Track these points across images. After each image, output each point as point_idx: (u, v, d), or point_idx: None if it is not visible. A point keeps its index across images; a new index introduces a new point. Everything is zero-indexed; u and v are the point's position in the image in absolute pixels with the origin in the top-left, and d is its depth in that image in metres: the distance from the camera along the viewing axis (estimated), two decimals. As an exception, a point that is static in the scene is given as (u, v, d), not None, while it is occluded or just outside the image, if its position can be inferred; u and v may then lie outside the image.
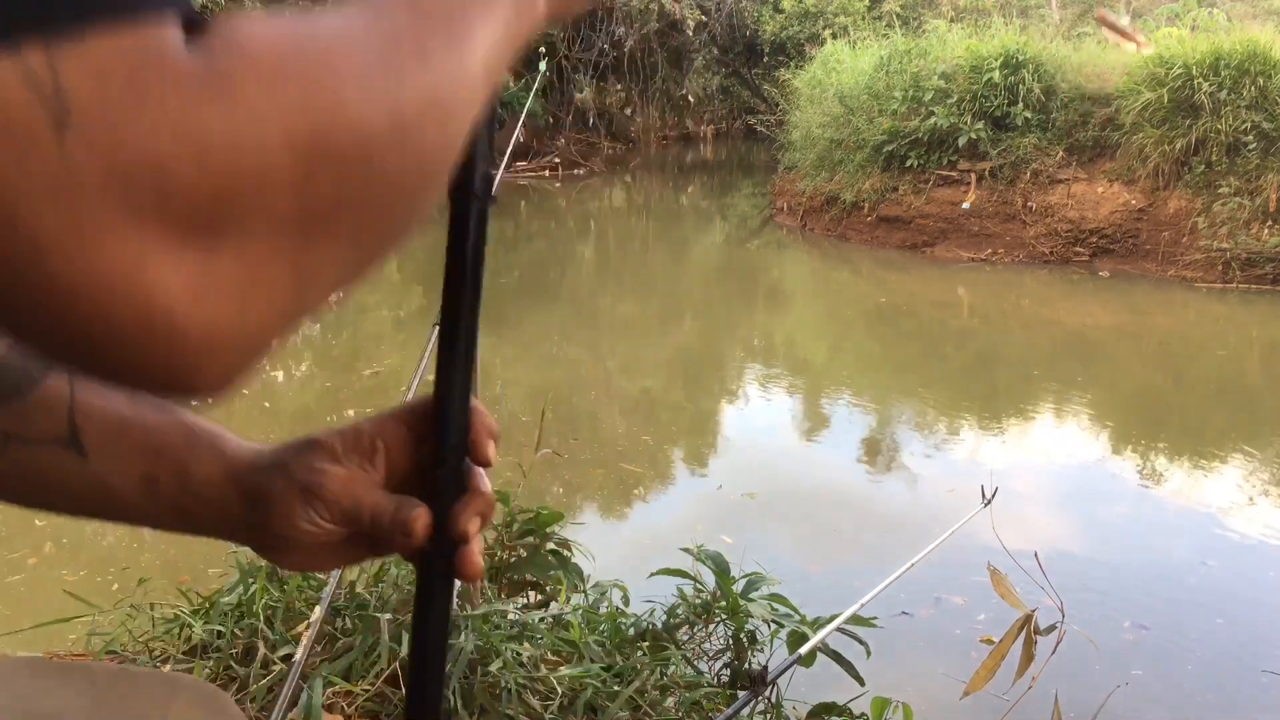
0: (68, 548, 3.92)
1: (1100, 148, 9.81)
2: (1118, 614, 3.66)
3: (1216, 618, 3.68)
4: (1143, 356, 7.65)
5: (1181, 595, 3.84)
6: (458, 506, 0.52)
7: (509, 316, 7.99)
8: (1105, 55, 10.32)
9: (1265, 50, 8.96)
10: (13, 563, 3.71)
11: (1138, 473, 5.37)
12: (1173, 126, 9.03)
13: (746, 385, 7.03)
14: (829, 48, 12.63)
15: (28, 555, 3.76)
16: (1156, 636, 3.54)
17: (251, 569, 2.35)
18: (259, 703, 2.02)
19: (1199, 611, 3.71)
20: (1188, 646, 3.46)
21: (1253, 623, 3.70)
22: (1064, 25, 17.15)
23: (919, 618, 3.54)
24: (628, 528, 4.51)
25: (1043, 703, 2.46)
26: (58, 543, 3.93)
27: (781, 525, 4.48)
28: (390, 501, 0.53)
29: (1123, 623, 3.61)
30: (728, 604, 2.48)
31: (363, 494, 0.53)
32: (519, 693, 2.06)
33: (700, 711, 2.23)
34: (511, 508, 2.61)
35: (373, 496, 0.53)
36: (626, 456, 5.18)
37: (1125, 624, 3.61)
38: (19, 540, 3.90)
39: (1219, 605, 3.76)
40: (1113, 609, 3.68)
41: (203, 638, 2.22)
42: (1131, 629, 3.57)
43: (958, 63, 10.31)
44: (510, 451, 4.07)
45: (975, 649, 3.28)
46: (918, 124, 10.17)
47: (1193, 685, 3.28)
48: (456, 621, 2.16)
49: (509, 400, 5.79)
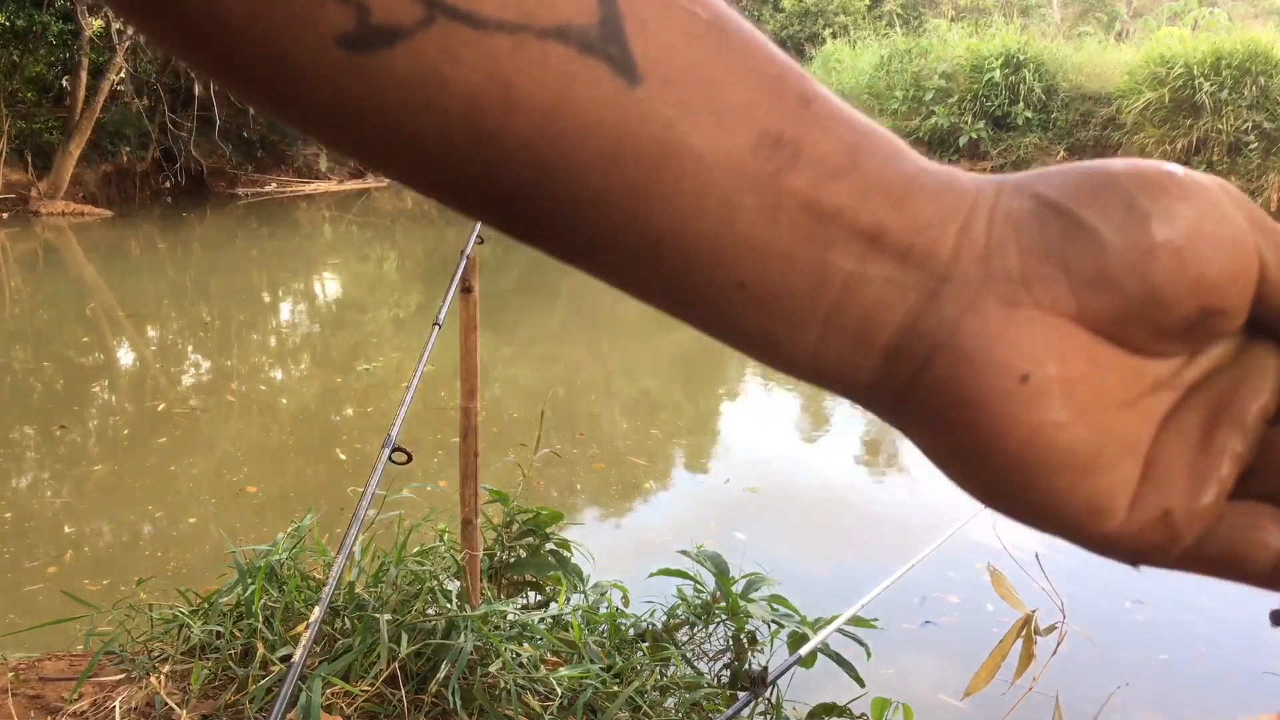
0: (89, 556, 3.90)
1: (1101, 147, 9.82)
2: (1118, 614, 3.66)
3: (1217, 617, 3.68)
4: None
5: (1181, 595, 3.84)
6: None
7: (509, 316, 7.99)
8: (1106, 55, 10.32)
9: (1267, 50, 8.96)
10: (33, 571, 3.69)
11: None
12: (1174, 126, 9.03)
13: (747, 385, 7.03)
14: (829, 47, 12.63)
15: (47, 564, 3.75)
16: (1157, 636, 3.54)
17: (250, 569, 2.34)
18: (258, 703, 2.02)
19: (1199, 611, 3.70)
20: (1188, 646, 3.46)
21: (1253, 623, 3.69)
22: (1065, 25, 17.15)
23: (918, 617, 3.54)
24: (631, 525, 4.51)
25: (1043, 703, 2.46)
26: (79, 550, 3.92)
27: (782, 524, 4.48)
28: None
29: (1123, 623, 3.61)
30: (728, 605, 2.48)
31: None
32: (519, 693, 2.06)
33: (700, 712, 2.23)
34: (511, 507, 2.61)
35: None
36: (629, 453, 5.18)
37: (1125, 624, 3.60)
38: (39, 550, 3.88)
39: (1219, 605, 3.76)
40: (1113, 609, 3.68)
41: (201, 638, 2.21)
42: (1132, 629, 3.57)
43: (958, 62, 10.32)
44: (510, 451, 4.07)
45: (976, 649, 3.28)
46: (918, 123, 10.18)
47: (1193, 685, 3.28)
48: (456, 621, 2.15)
49: (509, 400, 5.79)
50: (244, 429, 5.45)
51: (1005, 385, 0.26)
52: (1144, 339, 0.27)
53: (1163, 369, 0.28)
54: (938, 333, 0.27)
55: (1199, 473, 0.27)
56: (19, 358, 6.94)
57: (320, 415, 5.76)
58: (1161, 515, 0.27)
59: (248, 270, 10.47)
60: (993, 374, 0.26)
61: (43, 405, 5.94)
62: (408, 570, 2.40)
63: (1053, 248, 0.27)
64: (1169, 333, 0.27)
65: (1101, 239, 0.26)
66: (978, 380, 0.26)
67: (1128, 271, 0.26)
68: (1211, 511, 0.27)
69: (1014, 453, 0.26)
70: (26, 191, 12.62)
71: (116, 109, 13.94)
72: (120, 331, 7.81)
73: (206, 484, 4.58)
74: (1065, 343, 0.27)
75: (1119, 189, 0.27)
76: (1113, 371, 0.27)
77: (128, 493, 4.50)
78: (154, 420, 5.50)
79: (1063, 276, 0.27)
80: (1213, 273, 0.26)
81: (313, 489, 4.50)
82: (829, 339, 0.27)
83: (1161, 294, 0.26)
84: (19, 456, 5.16)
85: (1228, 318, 0.27)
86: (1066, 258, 0.26)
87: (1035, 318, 0.26)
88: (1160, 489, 0.27)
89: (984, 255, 0.27)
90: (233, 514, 4.25)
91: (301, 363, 7.20)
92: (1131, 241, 0.26)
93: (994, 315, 0.26)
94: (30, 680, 2.24)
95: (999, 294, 0.27)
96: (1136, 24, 18.27)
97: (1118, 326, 0.27)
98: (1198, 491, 0.27)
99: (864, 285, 0.27)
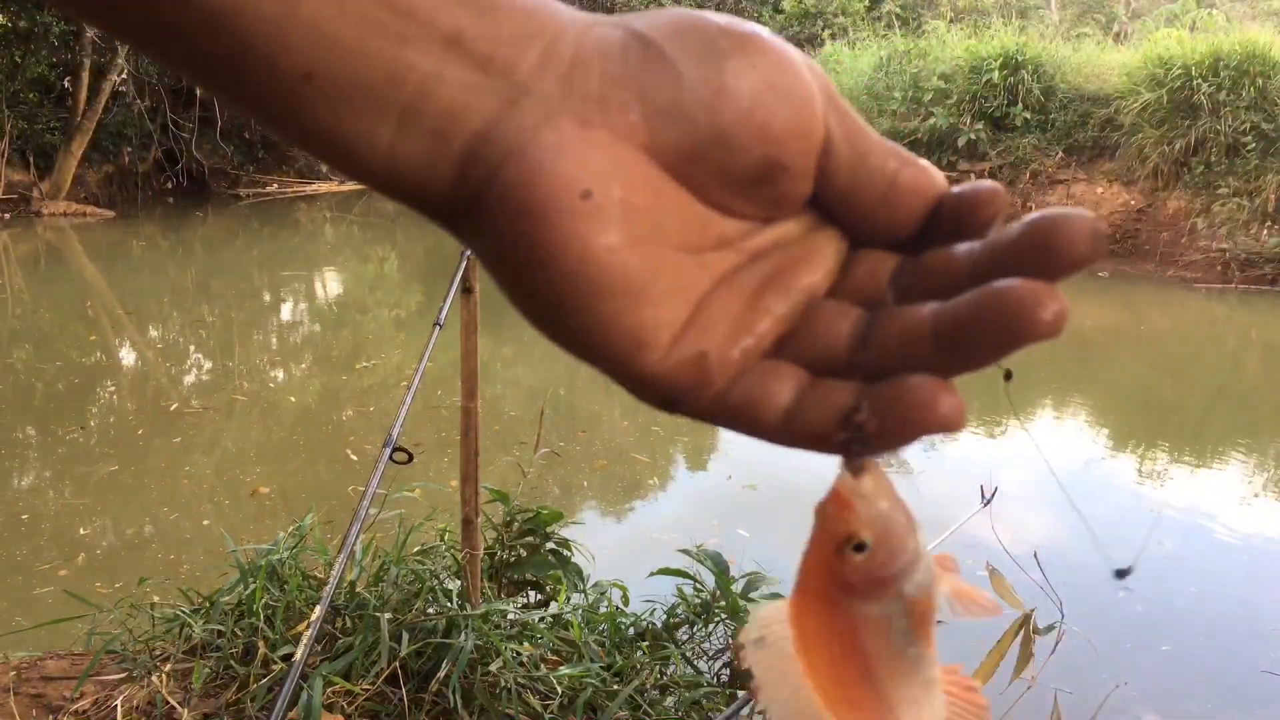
0: (101, 558, 3.90)
1: (1100, 148, 9.82)
2: (1117, 614, 3.67)
3: (1216, 617, 3.68)
4: (1142, 357, 7.66)
5: (1182, 595, 3.85)
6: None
7: (510, 317, 7.98)
8: (1104, 56, 10.33)
9: (1264, 51, 8.96)
10: (44, 574, 3.69)
11: (1136, 472, 5.37)
12: (1172, 127, 9.03)
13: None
14: (828, 49, 12.64)
15: (59, 567, 3.74)
16: (1156, 635, 3.54)
17: (251, 568, 2.35)
18: (259, 702, 2.03)
19: (1199, 611, 3.71)
20: (1188, 646, 3.47)
21: (1253, 622, 3.70)
22: (1063, 26, 17.16)
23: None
24: (633, 523, 4.52)
25: (1042, 703, 2.46)
26: (91, 553, 3.92)
27: (782, 521, 4.48)
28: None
29: (1122, 622, 3.61)
30: (728, 604, 2.49)
31: None
32: (519, 692, 2.06)
33: (700, 711, 2.24)
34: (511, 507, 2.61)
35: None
36: (631, 449, 5.18)
37: (1125, 623, 3.61)
38: (51, 552, 3.88)
39: (1219, 605, 3.76)
40: (1112, 609, 3.68)
41: (203, 637, 2.22)
42: (1131, 628, 3.58)
43: (957, 63, 10.32)
44: (512, 450, 4.08)
45: (975, 648, 3.28)
46: (917, 124, 10.18)
47: (1192, 685, 3.29)
48: (456, 621, 2.16)
49: (509, 400, 5.79)
50: (253, 429, 5.45)
51: (566, 199, 0.27)
52: (713, 187, 0.28)
53: (731, 228, 0.29)
54: (511, 141, 0.27)
55: (740, 326, 0.29)
56: (20, 358, 6.94)
57: (327, 414, 5.77)
58: (696, 357, 0.28)
59: (249, 270, 10.48)
60: (556, 186, 0.27)
61: (45, 405, 5.94)
62: (408, 569, 2.40)
63: (633, 75, 0.27)
64: (736, 182, 0.28)
65: (679, 73, 0.27)
66: (541, 191, 0.27)
67: (699, 106, 0.27)
68: (741, 361, 0.29)
69: (567, 269, 0.27)
70: (29, 192, 12.63)
71: (118, 110, 13.94)
72: (123, 331, 7.82)
73: (219, 485, 4.59)
74: (634, 170, 0.27)
75: (704, 32, 0.28)
76: (678, 213, 0.28)
77: (140, 494, 4.50)
78: (164, 421, 5.51)
79: (639, 104, 0.27)
80: (777, 123, 0.27)
81: (326, 489, 4.50)
82: (405, 140, 0.27)
83: (728, 134, 0.27)
84: (23, 457, 5.16)
85: (790, 177, 0.28)
86: (644, 85, 0.27)
87: (607, 140, 0.27)
88: (702, 334, 0.28)
89: (567, 75, 0.27)
90: (245, 515, 4.26)
91: (304, 362, 7.20)
92: (705, 79, 0.27)
93: (568, 131, 0.27)
94: (32, 679, 2.24)
95: (575, 112, 0.27)
96: (1135, 25, 18.28)
97: (686, 164, 0.28)
98: (733, 342, 0.29)
99: (441, 86, 0.27)
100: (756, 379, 0.29)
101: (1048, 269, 0.26)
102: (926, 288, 0.28)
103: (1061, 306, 0.25)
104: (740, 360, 0.29)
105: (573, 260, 0.27)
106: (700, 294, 0.29)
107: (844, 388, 0.28)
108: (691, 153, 0.28)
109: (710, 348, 0.28)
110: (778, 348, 0.29)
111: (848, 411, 0.27)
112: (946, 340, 0.27)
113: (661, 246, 0.28)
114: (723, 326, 0.29)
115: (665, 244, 0.28)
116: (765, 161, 0.28)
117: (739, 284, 0.29)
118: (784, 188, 0.29)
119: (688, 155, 0.28)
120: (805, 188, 0.29)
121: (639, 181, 0.27)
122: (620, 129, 0.27)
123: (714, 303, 0.29)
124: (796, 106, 0.28)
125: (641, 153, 0.27)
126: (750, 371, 0.29)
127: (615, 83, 0.27)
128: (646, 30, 0.28)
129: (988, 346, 0.26)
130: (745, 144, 0.27)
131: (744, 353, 0.29)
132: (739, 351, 0.29)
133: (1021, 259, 0.26)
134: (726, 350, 0.28)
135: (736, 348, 0.29)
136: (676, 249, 0.28)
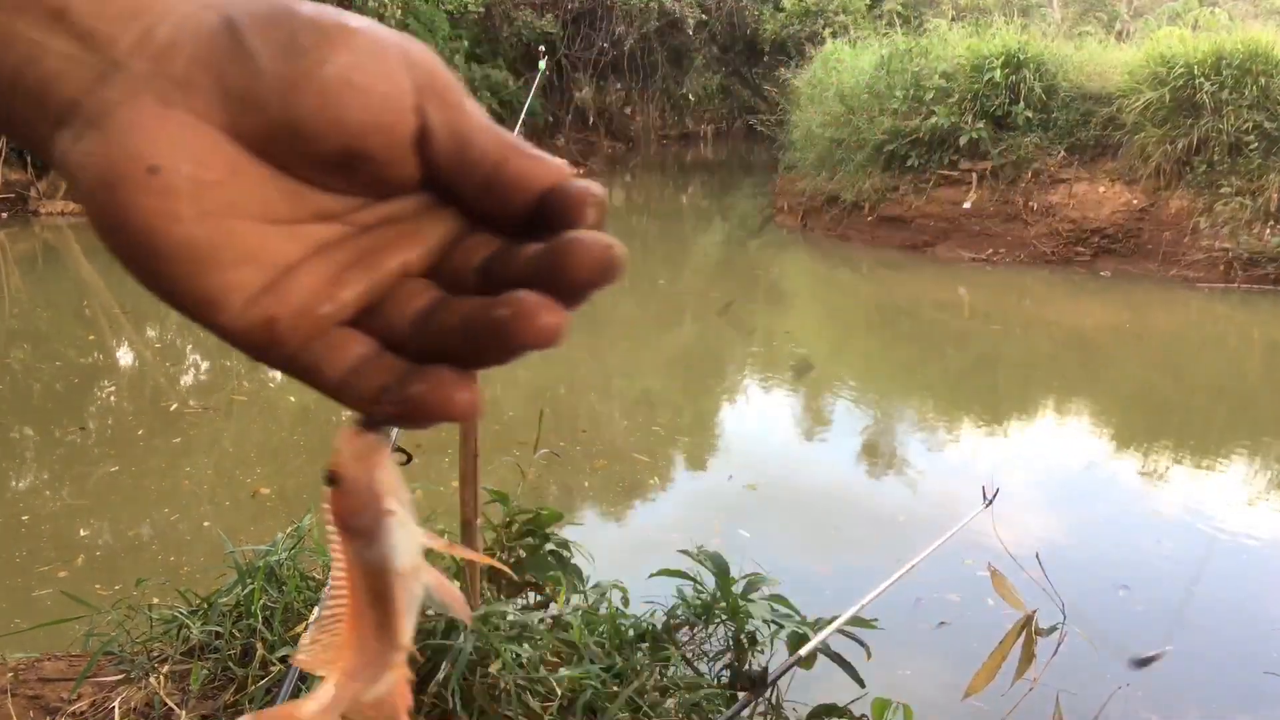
0: (101, 560, 3.88)
1: (1102, 147, 9.80)
2: (1117, 614, 3.66)
3: (1217, 618, 3.67)
4: (1144, 356, 7.64)
5: (1182, 595, 3.84)
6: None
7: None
8: (1106, 54, 10.31)
9: (1267, 49, 8.94)
10: (43, 576, 3.67)
11: (1138, 473, 5.36)
12: (1174, 126, 9.01)
13: (747, 385, 7.02)
14: (829, 47, 12.61)
15: (58, 568, 3.73)
16: (1157, 637, 3.53)
17: (249, 569, 2.34)
18: (257, 704, 2.02)
19: (1199, 611, 3.70)
20: (1188, 646, 3.45)
21: (1253, 623, 3.69)
22: (1065, 24, 17.15)
23: (919, 618, 3.53)
24: (633, 523, 4.51)
25: (1043, 704, 2.45)
26: (90, 555, 3.90)
27: (781, 521, 4.47)
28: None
29: (1123, 623, 3.60)
30: (728, 605, 2.48)
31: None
32: (518, 694, 2.05)
33: (700, 713, 2.23)
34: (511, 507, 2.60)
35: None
36: (631, 449, 5.17)
37: (1125, 624, 3.60)
38: (51, 554, 3.86)
39: (1219, 605, 3.75)
40: (1113, 609, 3.68)
41: (201, 638, 2.21)
42: (1131, 628, 3.57)
43: (959, 62, 10.30)
44: (512, 450, 4.06)
45: (977, 649, 3.27)
46: (918, 123, 10.16)
47: (1193, 686, 3.28)
48: (455, 622, 2.15)
49: (509, 399, 5.78)
50: (253, 429, 5.44)
51: (134, 173, 0.28)
52: (301, 167, 0.30)
53: (331, 203, 0.31)
54: (94, 113, 0.29)
55: (319, 295, 0.31)
56: (18, 358, 6.93)
57: (327, 414, 5.76)
58: (266, 320, 0.30)
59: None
60: (125, 160, 0.28)
61: (43, 406, 5.94)
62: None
63: (215, 62, 0.29)
64: (321, 166, 0.30)
65: (257, 65, 0.29)
66: (113, 163, 0.28)
67: (272, 97, 0.29)
68: (313, 328, 0.31)
69: (134, 239, 0.29)
70: (26, 191, 12.62)
71: (117, 109, 13.94)
72: (121, 331, 7.81)
73: (218, 486, 4.58)
74: (208, 149, 0.29)
75: (288, 25, 0.29)
76: (259, 188, 0.30)
77: (139, 495, 4.49)
78: (164, 421, 5.50)
79: (218, 89, 0.29)
80: (353, 119, 0.29)
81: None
82: (16, 102, 0.29)
83: (301, 125, 0.29)
84: (23, 457, 5.15)
85: (379, 164, 0.30)
86: (224, 73, 0.29)
87: (183, 120, 0.29)
88: (277, 300, 0.30)
89: (158, 55, 0.29)
90: (245, 516, 4.25)
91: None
92: (279, 73, 0.29)
93: (147, 109, 0.28)
94: (30, 680, 2.24)
95: (159, 91, 0.29)
96: (1137, 24, 18.26)
97: (268, 145, 0.29)
98: (310, 308, 0.30)
99: (44, 55, 0.29)
100: (325, 344, 0.31)
101: (558, 286, 0.29)
102: (504, 277, 0.30)
103: (557, 321, 0.28)
104: (313, 325, 0.30)
105: (139, 230, 0.28)
106: (286, 262, 0.30)
107: (397, 365, 0.31)
108: (270, 137, 0.29)
109: (281, 314, 0.30)
110: (359, 317, 0.31)
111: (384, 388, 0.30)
112: (471, 336, 0.29)
113: (238, 219, 0.29)
114: (302, 293, 0.30)
115: (243, 216, 0.29)
116: (345, 151, 0.29)
117: (336, 255, 0.31)
118: (375, 172, 0.30)
119: (265, 139, 0.29)
120: (405, 171, 0.30)
121: (212, 159, 0.29)
122: (199, 110, 0.29)
123: (304, 272, 0.30)
124: (376, 102, 0.29)
125: (221, 132, 0.29)
126: (322, 336, 0.31)
127: (200, 67, 0.29)
128: (237, 18, 0.29)
129: (489, 349, 0.29)
130: (321, 134, 0.29)
131: (319, 319, 0.30)
132: (314, 318, 0.30)
133: (541, 272, 0.29)
134: (300, 316, 0.30)
135: (312, 314, 0.30)
136: (258, 220, 0.30)
